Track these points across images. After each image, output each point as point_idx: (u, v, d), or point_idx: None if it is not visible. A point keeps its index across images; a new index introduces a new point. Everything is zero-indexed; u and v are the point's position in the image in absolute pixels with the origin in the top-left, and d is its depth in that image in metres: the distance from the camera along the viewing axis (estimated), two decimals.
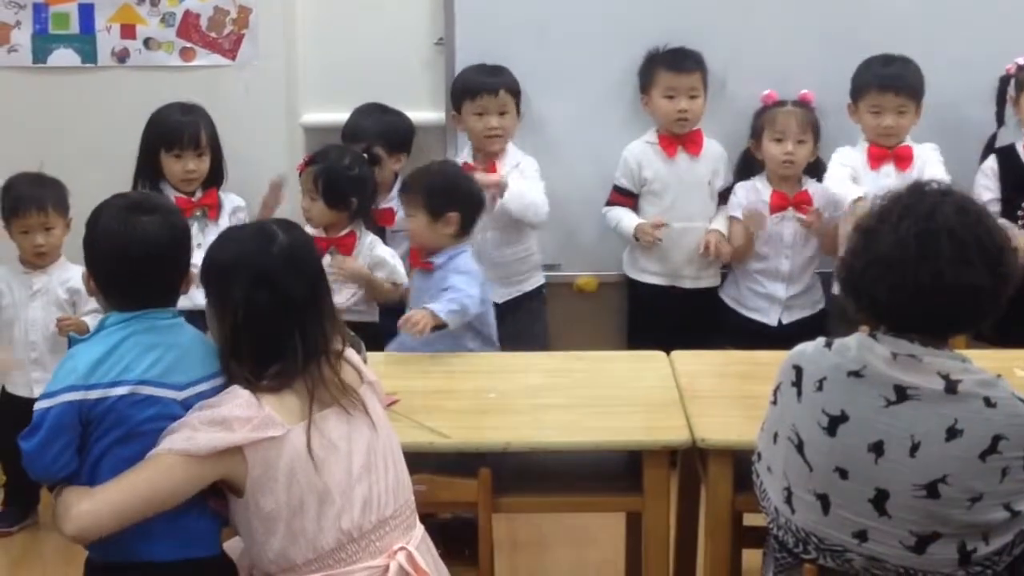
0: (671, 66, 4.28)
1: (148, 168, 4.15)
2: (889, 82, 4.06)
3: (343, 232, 3.99)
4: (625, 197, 4.36)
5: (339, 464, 2.43)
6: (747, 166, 4.36)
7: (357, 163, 4.03)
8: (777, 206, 4.24)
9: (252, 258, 2.48)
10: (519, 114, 4.31)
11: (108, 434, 2.44)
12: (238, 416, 2.37)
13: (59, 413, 2.41)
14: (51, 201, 3.87)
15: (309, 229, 3.97)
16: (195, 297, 4.00)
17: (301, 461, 2.39)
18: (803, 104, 4.24)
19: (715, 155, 4.36)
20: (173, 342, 2.53)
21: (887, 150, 4.17)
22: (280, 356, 2.44)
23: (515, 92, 4.30)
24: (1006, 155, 4.16)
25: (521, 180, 4.23)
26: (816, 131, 4.23)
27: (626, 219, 4.32)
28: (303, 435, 2.40)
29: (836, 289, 3.99)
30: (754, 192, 4.27)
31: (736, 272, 4.36)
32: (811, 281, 4.31)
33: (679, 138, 4.30)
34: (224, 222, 4.13)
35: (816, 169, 4.27)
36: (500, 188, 4.11)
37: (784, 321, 4.29)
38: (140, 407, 2.45)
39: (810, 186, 4.27)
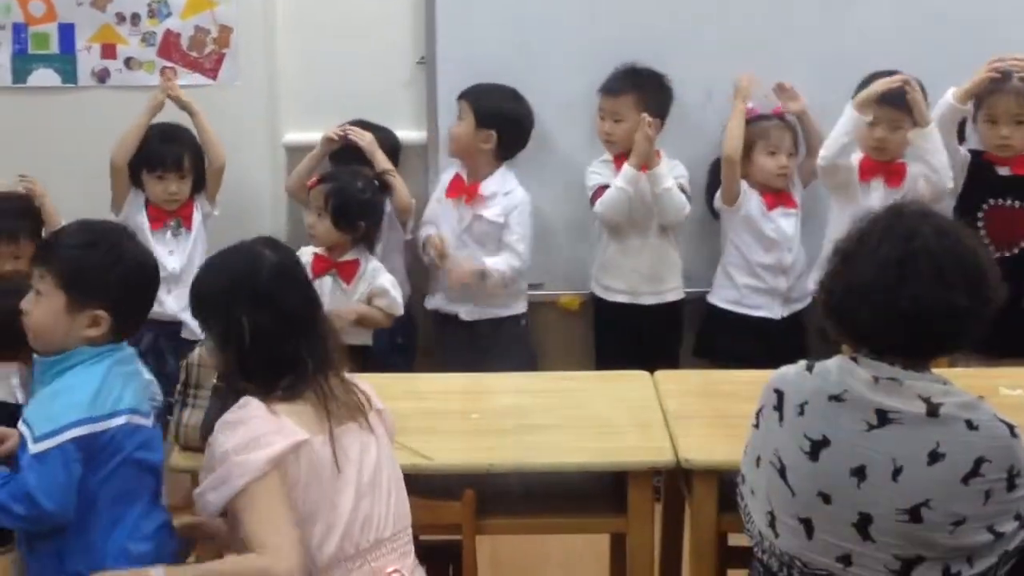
0: (603, 88, 4.33)
1: (136, 183, 4.21)
2: (890, 96, 4.05)
3: (347, 257, 3.99)
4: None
5: (350, 478, 2.42)
6: (717, 179, 4.37)
7: (369, 188, 4.04)
8: (773, 204, 4.32)
9: (246, 281, 2.46)
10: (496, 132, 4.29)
11: (103, 467, 2.44)
12: (263, 432, 2.35)
13: (72, 449, 2.41)
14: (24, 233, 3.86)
15: (310, 248, 3.97)
16: (166, 304, 4.06)
17: (317, 471, 2.38)
18: (782, 118, 4.30)
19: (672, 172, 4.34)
20: (136, 370, 2.57)
21: (879, 164, 4.19)
22: (290, 369, 2.43)
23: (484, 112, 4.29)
24: (975, 160, 4.18)
25: (499, 259, 4.30)
26: (799, 144, 4.34)
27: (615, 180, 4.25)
28: (323, 446, 2.39)
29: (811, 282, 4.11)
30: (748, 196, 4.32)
31: (732, 272, 4.37)
32: (803, 273, 4.36)
33: (627, 158, 4.25)
34: (196, 230, 4.21)
35: None
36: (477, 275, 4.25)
37: (785, 315, 4.36)
38: (132, 436, 2.48)
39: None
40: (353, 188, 3.98)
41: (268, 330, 2.42)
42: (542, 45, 4.37)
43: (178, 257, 4.14)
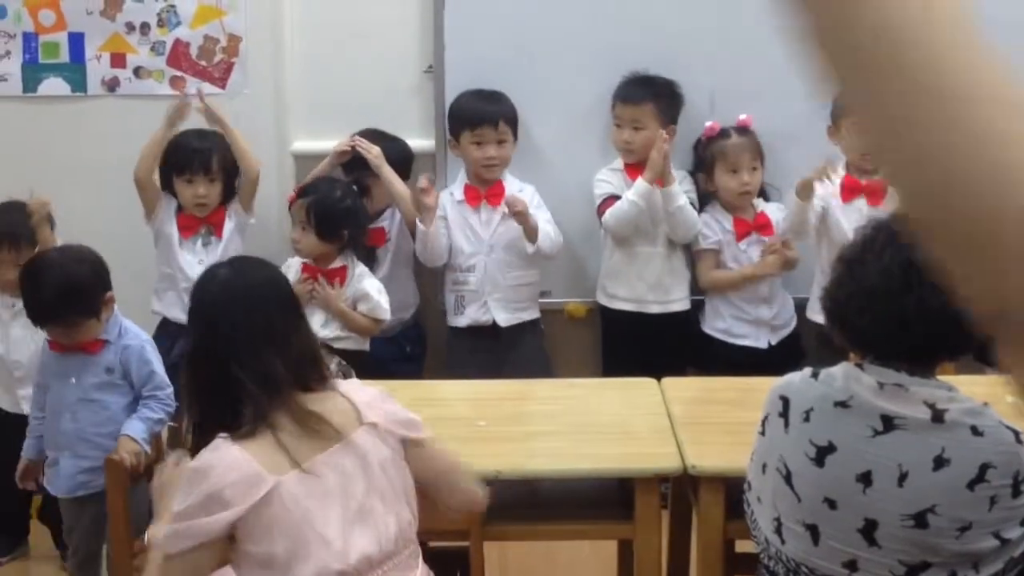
0: (620, 95, 4.32)
1: (168, 189, 4.23)
2: None
3: (335, 264, 4.01)
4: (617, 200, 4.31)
5: (334, 511, 2.32)
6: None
7: (348, 194, 4.06)
8: (743, 233, 4.30)
9: (199, 303, 2.43)
10: (516, 140, 4.33)
11: None
12: (228, 483, 2.24)
13: None
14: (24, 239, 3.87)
15: (297, 259, 4.00)
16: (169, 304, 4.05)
17: (291, 509, 2.28)
18: (746, 131, 4.27)
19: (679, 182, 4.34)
20: None
21: (860, 183, 4.17)
22: (242, 399, 2.32)
23: (513, 120, 4.31)
24: None
25: (540, 219, 4.29)
26: (762, 155, 4.29)
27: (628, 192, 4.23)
28: (293, 483, 2.29)
29: (810, 313, 4.09)
30: (718, 224, 4.31)
31: (717, 304, 4.38)
32: (784, 298, 4.36)
33: (638, 167, 4.26)
34: (227, 238, 4.21)
35: (763, 191, 4.37)
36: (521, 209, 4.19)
37: (773, 343, 4.33)
38: None
39: (766, 208, 4.35)
40: (333, 198, 4.00)
41: (206, 353, 2.35)
42: (549, 54, 4.38)
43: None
